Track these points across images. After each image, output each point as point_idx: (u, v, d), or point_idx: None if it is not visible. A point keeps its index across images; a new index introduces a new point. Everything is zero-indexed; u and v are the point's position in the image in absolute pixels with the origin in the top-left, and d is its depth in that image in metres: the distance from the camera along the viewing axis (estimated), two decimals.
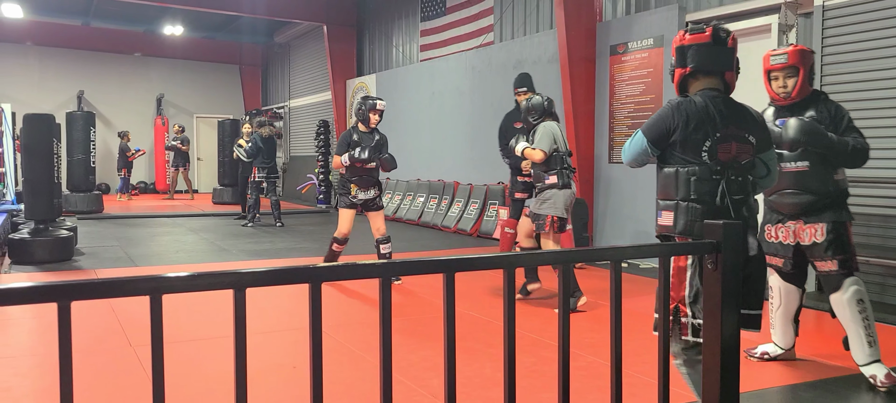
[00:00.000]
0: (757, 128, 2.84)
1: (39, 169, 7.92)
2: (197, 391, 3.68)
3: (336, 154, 6.52)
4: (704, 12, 7.34)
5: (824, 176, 3.71)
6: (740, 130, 2.78)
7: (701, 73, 2.84)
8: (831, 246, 3.69)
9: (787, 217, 3.84)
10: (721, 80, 2.85)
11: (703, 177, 2.72)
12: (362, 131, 6.51)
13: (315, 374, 1.69)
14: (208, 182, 19.71)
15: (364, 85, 15.02)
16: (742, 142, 2.78)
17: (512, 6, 10.67)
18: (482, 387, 3.72)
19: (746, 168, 2.80)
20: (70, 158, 13.82)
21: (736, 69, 2.87)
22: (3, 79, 17.90)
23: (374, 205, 6.56)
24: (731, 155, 2.75)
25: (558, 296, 2.04)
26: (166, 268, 7.72)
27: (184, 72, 20.60)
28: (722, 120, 2.75)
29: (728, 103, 2.82)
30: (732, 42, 2.84)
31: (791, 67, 3.78)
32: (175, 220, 12.80)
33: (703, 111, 2.75)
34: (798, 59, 3.77)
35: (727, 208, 2.71)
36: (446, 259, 1.80)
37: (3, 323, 5.06)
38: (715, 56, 2.81)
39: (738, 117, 2.80)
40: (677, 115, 2.77)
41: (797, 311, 4.09)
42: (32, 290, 1.36)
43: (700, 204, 2.71)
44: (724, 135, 2.74)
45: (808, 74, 3.78)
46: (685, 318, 2.73)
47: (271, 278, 1.63)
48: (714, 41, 2.81)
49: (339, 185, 6.63)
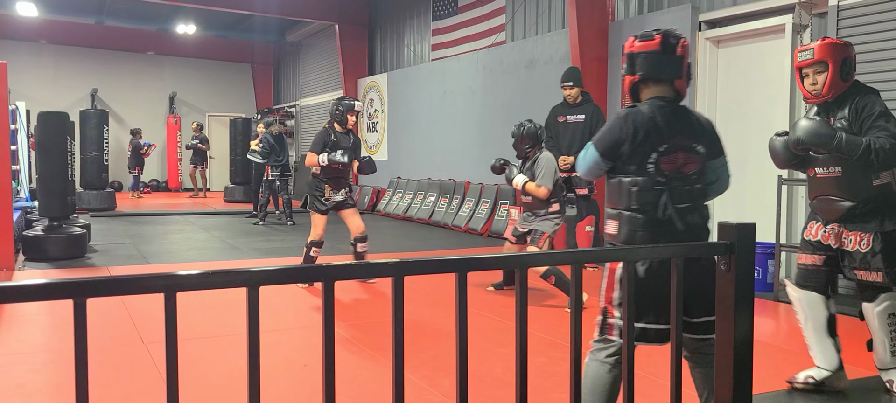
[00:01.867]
0: (705, 136, 2.81)
1: (53, 166, 7.98)
2: (210, 388, 3.70)
3: (311, 152, 6.39)
4: (718, 12, 7.30)
5: (861, 181, 3.42)
6: (687, 140, 2.76)
7: (651, 81, 2.81)
8: (877, 256, 3.42)
9: (832, 221, 3.58)
10: (671, 88, 2.81)
11: (645, 187, 2.71)
12: (339, 132, 6.45)
13: (327, 372, 1.69)
14: (220, 180, 19.79)
15: (375, 84, 15.04)
16: (689, 152, 2.76)
17: (524, 6, 10.65)
18: (493, 387, 3.72)
19: (694, 177, 2.78)
20: (83, 156, 13.91)
21: (686, 77, 2.82)
22: (18, 78, 18.00)
23: (346, 205, 6.50)
24: (676, 165, 2.74)
25: (570, 297, 2.04)
26: (179, 266, 7.75)
27: (196, 70, 20.69)
28: (668, 130, 2.73)
29: (676, 112, 2.79)
30: (682, 50, 2.78)
31: (819, 62, 3.49)
32: (187, 218, 12.86)
33: (650, 122, 2.73)
34: (827, 53, 3.47)
35: (670, 218, 2.71)
36: (458, 258, 1.80)
37: (16, 319, 5.10)
38: (664, 64, 2.77)
39: (685, 127, 2.78)
40: (625, 127, 2.75)
41: (830, 322, 3.65)
42: (49, 287, 1.37)
43: (642, 213, 2.72)
44: (671, 145, 2.73)
45: (841, 69, 3.46)
46: (612, 319, 2.76)
47: (285, 276, 1.64)
48: (663, 49, 2.76)
49: (311, 186, 6.52)
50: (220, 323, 5.06)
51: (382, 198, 14.11)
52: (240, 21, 18.55)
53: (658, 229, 2.70)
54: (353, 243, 6.50)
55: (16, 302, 1.40)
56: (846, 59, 3.48)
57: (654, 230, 2.70)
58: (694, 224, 2.75)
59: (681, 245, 2.53)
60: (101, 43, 19.28)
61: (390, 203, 13.62)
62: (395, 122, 14.38)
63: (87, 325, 1.42)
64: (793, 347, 4.72)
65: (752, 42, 7.04)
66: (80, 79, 19.12)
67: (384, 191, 14.27)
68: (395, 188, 13.82)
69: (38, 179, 8.37)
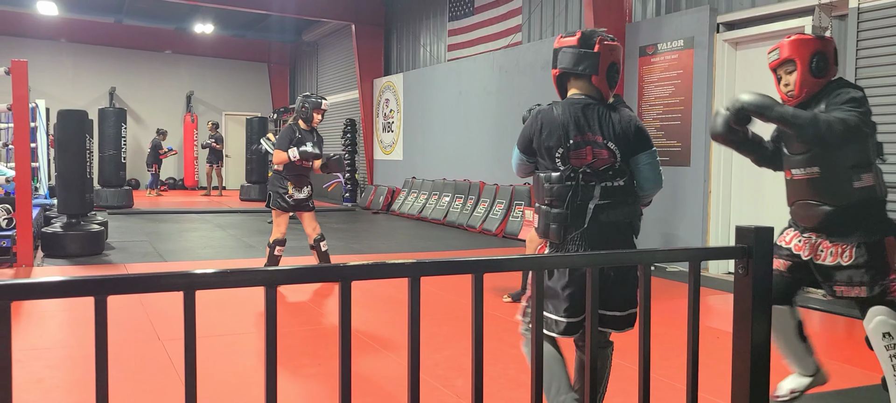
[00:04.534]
0: (619, 134, 2.81)
1: (72, 164, 8.05)
2: (225, 385, 3.72)
3: (278, 149, 6.30)
4: (736, 14, 7.26)
5: (840, 182, 3.12)
6: (596, 136, 2.80)
7: (572, 76, 2.89)
8: (860, 269, 3.11)
9: (809, 229, 3.28)
10: (590, 85, 2.86)
11: (556, 181, 2.80)
12: (303, 129, 6.39)
13: (344, 372, 1.69)
14: (236, 179, 19.92)
15: (391, 84, 15.07)
16: (599, 148, 2.79)
17: (540, 6, 10.63)
18: (507, 388, 3.72)
19: (610, 174, 2.80)
20: (101, 154, 14.04)
21: (607, 75, 2.86)
22: (38, 76, 18.19)
23: (306, 206, 6.45)
24: (585, 160, 2.78)
25: (587, 301, 2.04)
26: (195, 264, 7.81)
27: (213, 69, 20.83)
28: (576, 126, 2.79)
29: (589, 109, 2.83)
30: (600, 47, 2.83)
31: (788, 62, 3.23)
32: (203, 216, 12.94)
33: (557, 118, 2.82)
34: (793, 51, 3.20)
35: (582, 213, 2.78)
36: (475, 259, 1.80)
37: (34, 315, 5.15)
38: (580, 59, 2.83)
39: (596, 123, 2.81)
40: (534, 124, 2.88)
41: (799, 328, 3.38)
42: (72, 284, 1.39)
43: (554, 207, 2.81)
44: (579, 141, 2.79)
45: (811, 65, 3.17)
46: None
47: (302, 276, 1.64)
48: (580, 45, 2.83)
49: (274, 184, 6.44)
50: (233, 321, 5.09)
51: (397, 198, 14.14)
52: (257, 20, 18.64)
53: (568, 223, 2.79)
54: (314, 244, 6.47)
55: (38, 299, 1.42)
56: (817, 53, 3.18)
57: (564, 223, 2.79)
58: (612, 221, 2.79)
59: (697, 249, 2.51)
60: (120, 42, 19.45)
61: (405, 203, 13.64)
62: (410, 123, 14.39)
63: (107, 321, 1.43)
64: None
65: (770, 44, 6.97)
66: (98, 77, 19.29)
67: (399, 191, 14.29)
68: (410, 188, 13.84)
69: (57, 177, 8.45)
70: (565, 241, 2.82)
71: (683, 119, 7.74)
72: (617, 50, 2.88)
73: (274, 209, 6.40)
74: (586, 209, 2.77)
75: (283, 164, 6.28)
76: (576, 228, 2.78)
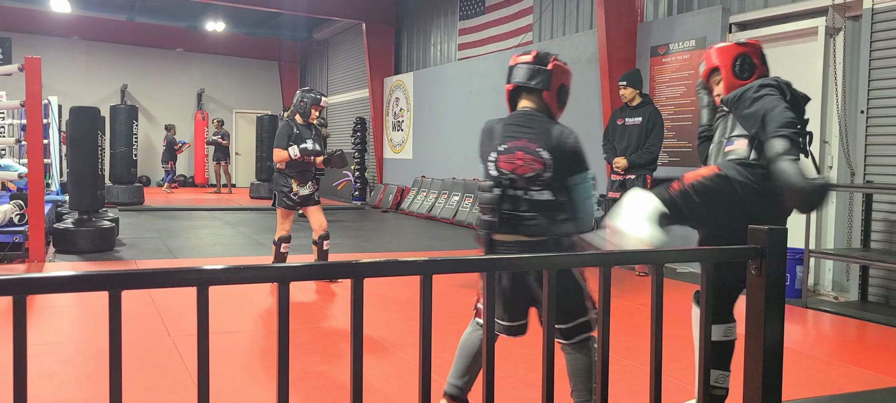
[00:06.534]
0: (554, 146, 2.83)
1: (84, 161, 8.10)
2: (234, 382, 3.73)
3: (278, 147, 6.24)
4: (749, 14, 7.22)
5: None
6: (531, 144, 2.85)
7: (524, 91, 2.98)
8: None
9: None
10: (540, 100, 2.95)
11: (485, 188, 2.92)
12: (300, 124, 6.32)
13: (355, 369, 1.69)
14: (246, 177, 19.98)
15: (401, 83, 15.08)
16: (529, 154, 2.83)
17: (551, 6, 10.61)
18: (516, 387, 3.71)
19: (535, 183, 2.82)
20: (113, 151, 14.10)
21: (557, 93, 2.95)
22: (51, 73, 18.31)
23: (311, 201, 6.40)
24: (512, 166, 2.85)
25: (599, 300, 2.03)
26: (205, 261, 7.84)
27: (224, 67, 20.90)
28: (508, 134, 2.90)
29: (532, 119, 2.92)
30: (553, 66, 2.94)
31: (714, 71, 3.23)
32: (213, 214, 12.99)
33: (493, 128, 2.97)
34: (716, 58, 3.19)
35: (508, 218, 2.84)
36: (487, 258, 1.80)
37: (46, 310, 5.19)
38: (533, 75, 2.93)
39: (531, 132, 2.87)
40: (482, 133, 3.05)
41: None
42: (86, 278, 1.39)
43: (484, 213, 2.91)
44: (511, 146, 2.87)
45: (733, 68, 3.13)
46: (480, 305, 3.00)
47: (315, 272, 1.65)
48: (535, 62, 2.95)
49: (277, 183, 6.38)
50: (240, 319, 5.10)
51: (406, 197, 14.15)
52: (268, 19, 18.69)
53: (487, 228, 2.89)
54: (317, 241, 6.37)
55: (53, 293, 1.43)
56: (740, 56, 3.14)
57: (486, 229, 2.89)
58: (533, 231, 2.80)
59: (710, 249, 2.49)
60: (132, 39, 19.55)
61: (414, 202, 13.65)
62: (420, 121, 14.40)
63: (121, 317, 1.44)
64: (822, 354, 4.66)
65: (783, 45, 6.95)
66: (110, 74, 19.40)
67: (408, 189, 14.30)
68: (419, 187, 13.84)
69: (69, 173, 8.50)
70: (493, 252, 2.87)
71: (695, 120, 7.71)
72: (568, 74, 3.04)
73: (279, 208, 6.39)
74: (521, 217, 2.81)
75: (285, 162, 6.24)
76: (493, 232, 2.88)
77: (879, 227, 5.96)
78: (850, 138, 6.16)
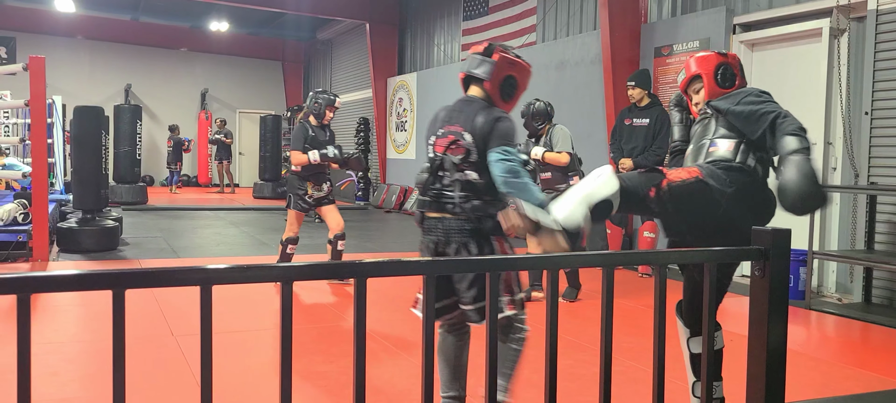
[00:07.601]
0: (476, 128, 2.95)
1: (88, 160, 8.11)
2: (237, 382, 3.74)
3: (294, 150, 6.19)
4: (753, 15, 7.20)
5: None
6: (459, 128, 2.99)
7: (472, 79, 3.10)
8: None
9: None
10: (483, 89, 3.06)
11: (423, 170, 3.09)
12: (315, 126, 6.29)
13: (358, 368, 1.70)
14: (249, 176, 19.99)
15: (405, 83, 15.08)
16: (457, 137, 2.98)
17: (555, 6, 10.61)
18: (520, 388, 3.71)
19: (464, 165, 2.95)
20: (117, 150, 14.12)
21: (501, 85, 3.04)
22: (55, 72, 18.33)
23: (326, 201, 6.36)
24: (443, 149, 3.01)
25: (601, 301, 2.03)
26: (209, 260, 7.84)
27: (228, 67, 20.92)
28: (447, 119, 3.06)
29: (469, 104, 3.04)
30: (498, 57, 3.03)
31: (695, 79, 3.23)
32: (216, 213, 13.01)
33: (438, 114, 3.14)
34: (698, 67, 3.22)
35: (435, 197, 2.98)
36: (491, 259, 1.80)
37: (49, 309, 5.20)
38: (478, 64, 3.06)
39: (462, 117, 3.01)
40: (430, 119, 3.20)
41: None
42: (91, 277, 1.40)
43: (421, 194, 3.09)
44: (444, 131, 3.03)
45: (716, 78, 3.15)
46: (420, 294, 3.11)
47: (318, 272, 1.65)
48: (483, 53, 3.07)
49: (292, 185, 6.31)
50: (243, 318, 5.11)
51: (409, 197, 14.15)
52: (272, 19, 18.70)
53: (420, 206, 3.06)
54: (332, 240, 6.29)
55: (57, 292, 1.43)
56: (721, 65, 3.16)
57: (419, 208, 3.07)
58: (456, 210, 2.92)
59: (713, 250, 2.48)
60: (136, 39, 19.57)
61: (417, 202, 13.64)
62: (423, 122, 14.39)
63: (125, 315, 1.44)
64: (825, 356, 4.66)
65: (787, 46, 6.94)
66: (114, 74, 19.42)
67: (411, 190, 14.30)
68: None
69: (73, 172, 8.52)
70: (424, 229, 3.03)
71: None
72: (518, 66, 3.10)
73: (292, 210, 6.33)
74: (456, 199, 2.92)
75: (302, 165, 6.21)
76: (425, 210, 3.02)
77: (883, 229, 5.94)
78: (854, 139, 6.14)
